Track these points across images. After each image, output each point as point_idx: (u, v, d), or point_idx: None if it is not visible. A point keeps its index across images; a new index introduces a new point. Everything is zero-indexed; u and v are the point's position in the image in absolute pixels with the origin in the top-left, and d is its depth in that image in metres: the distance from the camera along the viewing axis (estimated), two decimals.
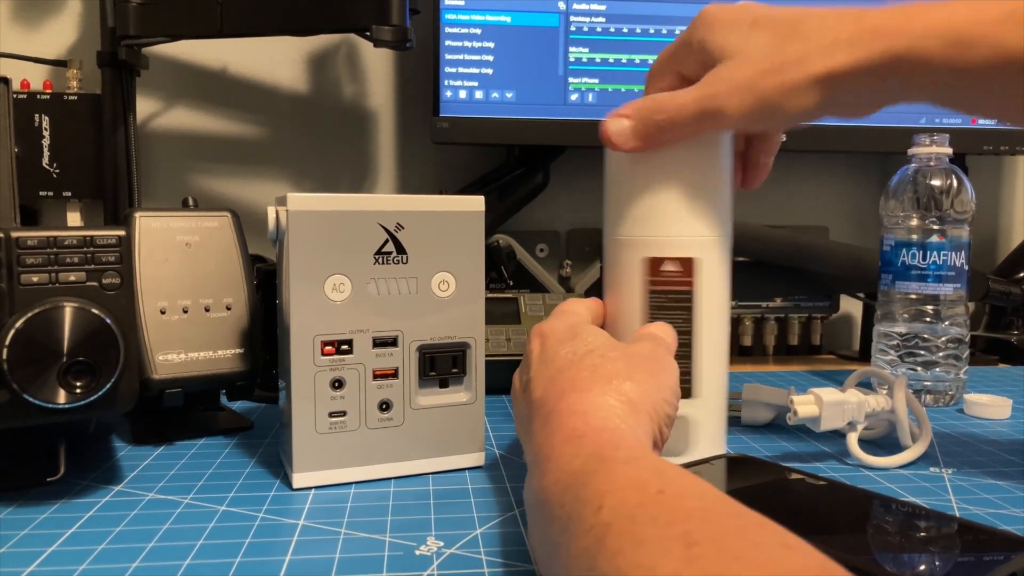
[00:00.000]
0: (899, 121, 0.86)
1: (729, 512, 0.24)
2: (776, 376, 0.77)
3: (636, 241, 0.47)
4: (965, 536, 0.34)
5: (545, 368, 0.39)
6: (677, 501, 0.25)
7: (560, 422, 0.34)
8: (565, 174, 0.91)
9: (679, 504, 0.25)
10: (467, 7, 0.80)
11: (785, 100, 0.40)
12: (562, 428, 0.33)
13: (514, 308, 0.72)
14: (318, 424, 0.45)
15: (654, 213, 0.46)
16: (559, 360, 0.39)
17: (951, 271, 0.64)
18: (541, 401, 0.37)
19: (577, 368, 0.38)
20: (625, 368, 0.37)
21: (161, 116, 0.88)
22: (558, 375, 0.38)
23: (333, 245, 0.44)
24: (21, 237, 0.40)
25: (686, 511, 0.24)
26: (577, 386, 0.36)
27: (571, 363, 0.38)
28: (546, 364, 0.40)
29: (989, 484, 0.46)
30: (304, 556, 0.36)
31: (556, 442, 0.32)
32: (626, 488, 0.27)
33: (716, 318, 0.47)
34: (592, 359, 0.38)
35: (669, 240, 0.46)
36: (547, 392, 0.37)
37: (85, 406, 0.40)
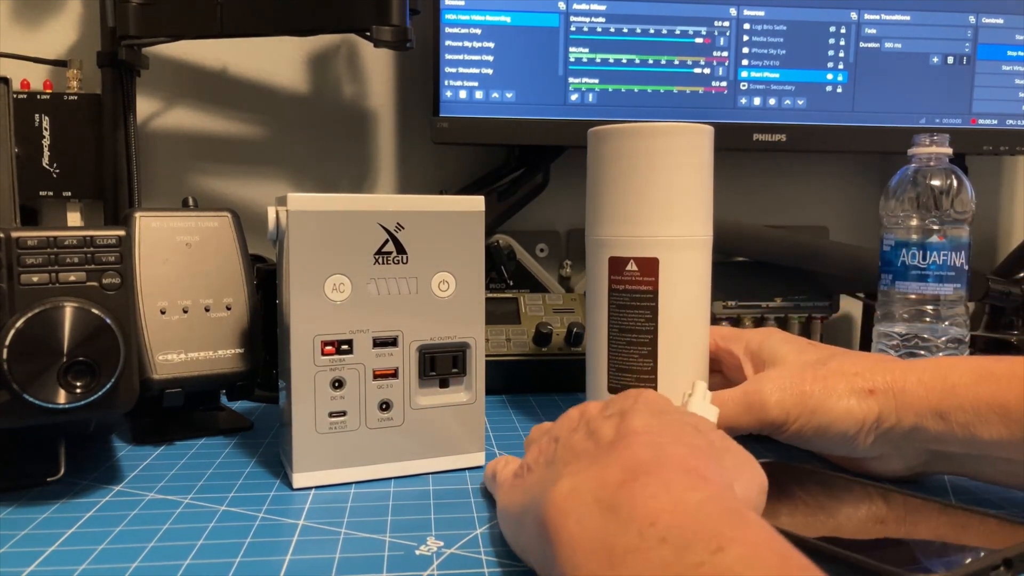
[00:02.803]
0: (899, 121, 0.86)
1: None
2: None
3: (604, 241, 0.49)
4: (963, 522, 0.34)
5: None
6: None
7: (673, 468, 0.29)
8: (565, 174, 0.91)
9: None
10: (467, 7, 0.80)
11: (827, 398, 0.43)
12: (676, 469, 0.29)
13: (514, 308, 0.72)
14: (318, 424, 0.45)
15: (620, 213, 0.48)
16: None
17: (951, 271, 0.64)
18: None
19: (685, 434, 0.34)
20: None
21: (161, 116, 0.88)
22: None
23: (333, 245, 0.44)
24: (21, 237, 0.40)
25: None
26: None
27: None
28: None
29: (989, 484, 0.46)
30: (304, 556, 0.36)
31: (663, 467, 0.29)
32: (761, 546, 0.23)
33: (684, 318, 0.47)
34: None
35: (633, 240, 0.47)
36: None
37: (85, 406, 0.40)
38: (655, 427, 0.33)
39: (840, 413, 0.42)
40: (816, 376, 0.44)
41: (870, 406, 0.42)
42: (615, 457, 0.30)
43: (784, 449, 0.52)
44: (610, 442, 0.32)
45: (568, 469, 0.32)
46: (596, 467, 0.30)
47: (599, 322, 0.49)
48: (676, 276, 0.47)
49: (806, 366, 0.45)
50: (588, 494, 0.29)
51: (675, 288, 0.47)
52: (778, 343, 0.48)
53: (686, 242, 0.47)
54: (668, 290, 0.47)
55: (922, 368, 0.42)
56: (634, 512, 0.26)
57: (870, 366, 0.44)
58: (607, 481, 0.29)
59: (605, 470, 0.30)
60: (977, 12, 0.85)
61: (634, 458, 0.30)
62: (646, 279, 0.47)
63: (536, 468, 0.35)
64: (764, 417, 0.44)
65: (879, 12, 0.84)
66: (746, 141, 0.83)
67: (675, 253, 0.47)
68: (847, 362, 0.45)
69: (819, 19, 0.83)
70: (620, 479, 0.28)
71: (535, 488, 0.33)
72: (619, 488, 0.28)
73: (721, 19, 0.82)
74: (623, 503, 0.27)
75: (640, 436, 0.31)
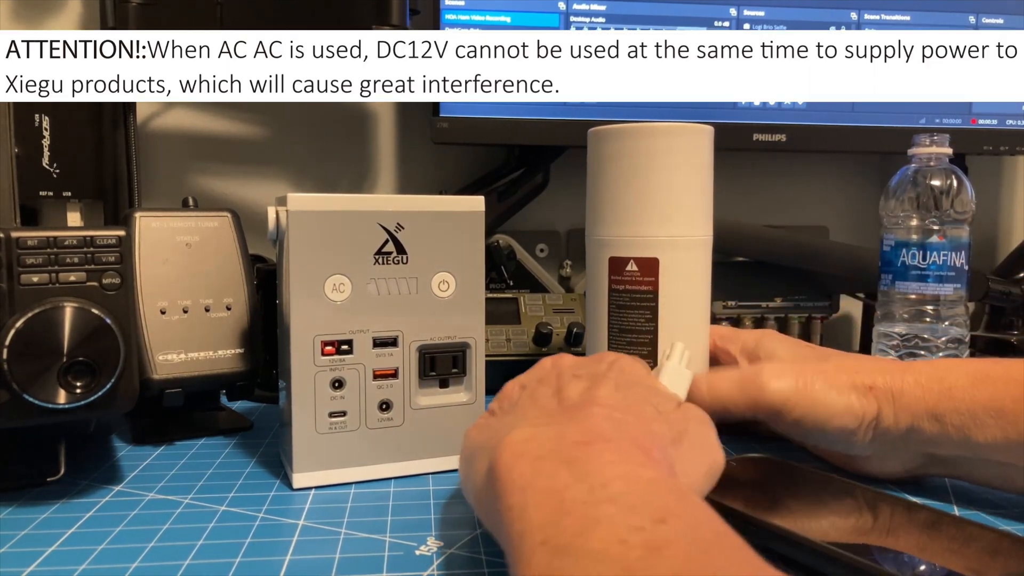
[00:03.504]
0: (899, 121, 0.86)
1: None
2: None
3: (604, 241, 0.49)
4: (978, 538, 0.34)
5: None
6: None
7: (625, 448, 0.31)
8: (565, 174, 0.91)
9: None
10: (467, 7, 0.80)
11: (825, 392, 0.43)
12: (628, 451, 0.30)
13: (514, 308, 0.72)
14: (318, 424, 0.45)
15: (620, 213, 0.48)
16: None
17: (951, 271, 0.64)
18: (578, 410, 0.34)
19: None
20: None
21: (161, 116, 0.88)
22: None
23: (333, 245, 0.44)
24: (21, 237, 0.40)
25: None
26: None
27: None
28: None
29: (984, 487, 0.46)
30: (304, 556, 0.36)
31: (621, 440, 0.30)
32: (701, 524, 0.25)
33: (684, 318, 0.47)
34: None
35: (633, 240, 0.47)
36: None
37: (85, 406, 0.40)
38: (618, 402, 0.34)
39: (842, 407, 0.42)
40: (816, 370, 0.44)
41: (870, 403, 0.42)
42: (576, 421, 0.32)
43: (782, 449, 0.52)
44: (573, 405, 0.34)
45: (528, 420, 0.33)
46: (556, 424, 0.32)
47: (599, 322, 0.49)
48: (676, 276, 0.47)
49: (806, 360, 0.45)
50: (546, 443, 0.30)
51: (675, 288, 0.47)
52: (775, 342, 0.49)
53: (686, 242, 0.47)
54: (668, 290, 0.47)
55: (919, 370, 0.42)
56: (588, 469, 0.27)
57: (869, 365, 0.44)
58: (566, 437, 0.30)
59: (564, 428, 0.31)
60: (977, 12, 0.85)
61: (594, 427, 0.31)
62: (646, 279, 0.47)
63: (498, 413, 0.37)
64: (760, 399, 0.43)
65: (879, 12, 0.84)
66: (746, 141, 0.83)
67: (675, 253, 0.47)
68: (846, 360, 0.45)
69: (819, 19, 0.83)
70: (579, 439, 0.30)
71: (493, 429, 0.34)
72: (576, 446, 0.29)
73: (721, 19, 0.82)
74: (579, 459, 0.28)
75: (602, 408, 0.33)
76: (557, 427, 0.31)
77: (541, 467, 0.28)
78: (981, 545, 0.33)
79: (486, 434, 0.35)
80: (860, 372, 0.43)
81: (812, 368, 0.44)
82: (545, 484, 0.27)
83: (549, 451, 0.29)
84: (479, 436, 0.36)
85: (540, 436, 0.30)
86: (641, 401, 0.35)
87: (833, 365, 0.44)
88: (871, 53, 0.62)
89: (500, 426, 0.34)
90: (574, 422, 0.32)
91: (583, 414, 0.32)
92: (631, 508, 0.25)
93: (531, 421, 0.33)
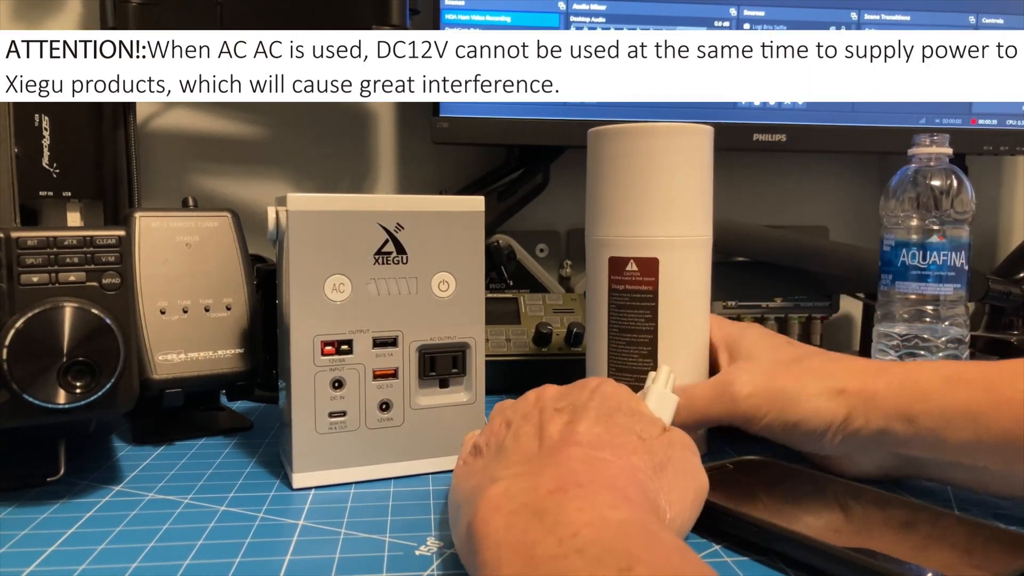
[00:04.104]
0: (899, 121, 0.86)
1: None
2: None
3: (604, 241, 0.49)
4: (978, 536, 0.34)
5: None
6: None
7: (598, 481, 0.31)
8: (565, 174, 0.91)
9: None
10: (467, 7, 0.80)
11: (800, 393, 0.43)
12: (604, 483, 0.31)
13: (514, 308, 0.72)
14: (318, 424, 0.45)
15: (620, 213, 0.48)
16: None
17: (951, 271, 0.64)
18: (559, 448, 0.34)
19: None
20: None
21: (161, 116, 0.88)
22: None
23: (333, 245, 0.44)
24: (21, 237, 0.40)
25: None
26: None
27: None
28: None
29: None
30: (304, 556, 0.36)
31: (593, 483, 0.31)
32: (667, 568, 0.25)
33: (684, 318, 0.47)
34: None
35: (633, 240, 0.47)
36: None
37: (85, 406, 0.40)
38: (598, 437, 0.34)
39: (809, 411, 0.43)
40: (789, 373, 0.44)
41: (838, 406, 0.42)
42: (551, 466, 0.32)
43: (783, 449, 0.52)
44: (553, 446, 0.34)
45: (508, 470, 0.33)
46: (532, 473, 0.32)
47: (599, 322, 0.49)
48: (676, 276, 0.47)
49: (779, 364, 0.46)
50: (520, 495, 0.30)
51: (675, 288, 0.47)
52: (756, 338, 0.49)
53: (686, 242, 0.47)
54: (668, 290, 0.47)
55: (893, 372, 0.43)
56: (559, 520, 0.28)
57: (843, 368, 0.44)
58: (539, 487, 0.30)
59: (539, 476, 0.31)
60: (977, 12, 0.85)
61: (569, 471, 0.31)
62: (646, 279, 0.47)
63: (486, 453, 0.37)
64: (735, 410, 0.44)
65: (879, 12, 0.84)
66: (746, 141, 0.83)
67: (675, 253, 0.47)
68: (821, 362, 0.45)
69: (819, 19, 0.83)
70: (552, 487, 0.30)
71: (476, 478, 0.35)
72: (549, 495, 0.29)
73: (721, 19, 0.82)
74: (550, 510, 0.28)
75: (579, 448, 0.33)
76: (532, 477, 0.32)
77: (514, 521, 0.29)
78: (983, 544, 0.33)
79: (470, 482, 0.35)
80: (833, 376, 0.43)
81: (784, 372, 0.45)
82: (517, 539, 0.28)
83: (522, 504, 0.29)
84: (464, 484, 0.36)
85: (514, 488, 0.31)
86: (624, 431, 0.35)
87: (806, 368, 0.44)
88: (871, 53, 0.62)
89: (483, 474, 0.34)
90: (549, 468, 0.32)
91: (560, 457, 0.33)
92: (598, 559, 0.25)
93: (511, 469, 0.33)
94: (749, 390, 0.44)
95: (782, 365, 0.45)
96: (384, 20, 0.67)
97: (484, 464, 0.36)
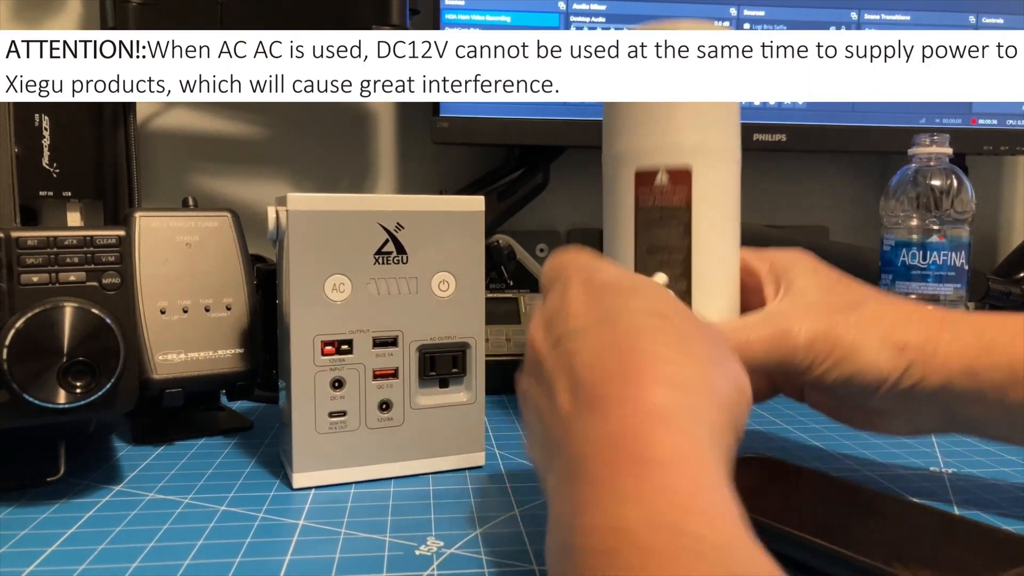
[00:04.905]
0: (899, 121, 0.86)
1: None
2: None
3: (628, 152, 0.43)
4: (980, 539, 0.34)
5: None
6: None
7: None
8: (565, 174, 0.91)
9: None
10: (467, 7, 0.80)
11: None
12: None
13: (514, 308, 0.72)
14: (318, 424, 0.45)
15: (646, 121, 0.43)
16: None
17: (951, 271, 0.64)
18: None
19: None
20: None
21: (161, 116, 0.88)
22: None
23: (333, 245, 0.44)
24: (21, 237, 0.40)
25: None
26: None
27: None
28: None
29: (989, 484, 0.46)
30: (304, 556, 0.36)
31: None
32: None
33: (718, 233, 0.43)
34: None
35: (663, 149, 0.42)
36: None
37: (85, 406, 0.40)
38: (605, 374, 0.28)
39: (866, 365, 0.39)
40: (848, 322, 0.40)
41: (899, 360, 0.39)
42: (574, 474, 0.27)
43: (783, 450, 0.52)
44: (561, 434, 0.29)
45: (548, 464, 0.29)
46: (563, 487, 0.27)
47: (623, 247, 0.43)
48: (711, 188, 0.43)
49: (837, 309, 0.42)
50: (559, 531, 0.26)
51: (710, 201, 0.42)
52: (808, 273, 0.44)
53: (720, 153, 0.44)
54: (702, 203, 0.42)
55: (960, 322, 0.40)
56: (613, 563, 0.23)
57: (905, 317, 0.41)
58: (573, 525, 0.25)
59: (568, 500, 0.26)
60: (977, 12, 0.85)
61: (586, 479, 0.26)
62: (678, 191, 0.42)
63: (538, 385, 0.32)
64: (791, 358, 0.40)
65: (879, 12, 0.84)
66: (746, 141, 0.83)
67: (709, 163, 0.43)
68: (881, 309, 0.41)
69: (819, 19, 0.83)
70: (585, 524, 0.24)
71: (541, 432, 0.31)
72: (577, 530, 0.25)
73: (721, 19, 0.82)
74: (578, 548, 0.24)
75: (594, 416, 0.27)
76: (564, 501, 0.26)
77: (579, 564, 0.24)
78: (985, 545, 0.33)
79: (538, 431, 0.31)
80: (895, 327, 0.40)
81: (842, 321, 0.41)
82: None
83: (563, 544, 0.25)
84: (532, 429, 0.32)
85: (556, 519, 0.26)
86: (635, 331, 0.30)
87: (866, 316, 0.41)
88: (871, 53, 0.62)
89: (546, 435, 0.30)
90: (574, 480, 0.26)
91: (576, 454, 0.27)
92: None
93: (550, 465, 0.29)
94: (808, 338, 0.40)
95: (840, 312, 0.41)
96: (384, 20, 0.67)
97: (539, 401, 0.31)
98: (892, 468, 0.49)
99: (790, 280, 0.44)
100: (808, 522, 0.36)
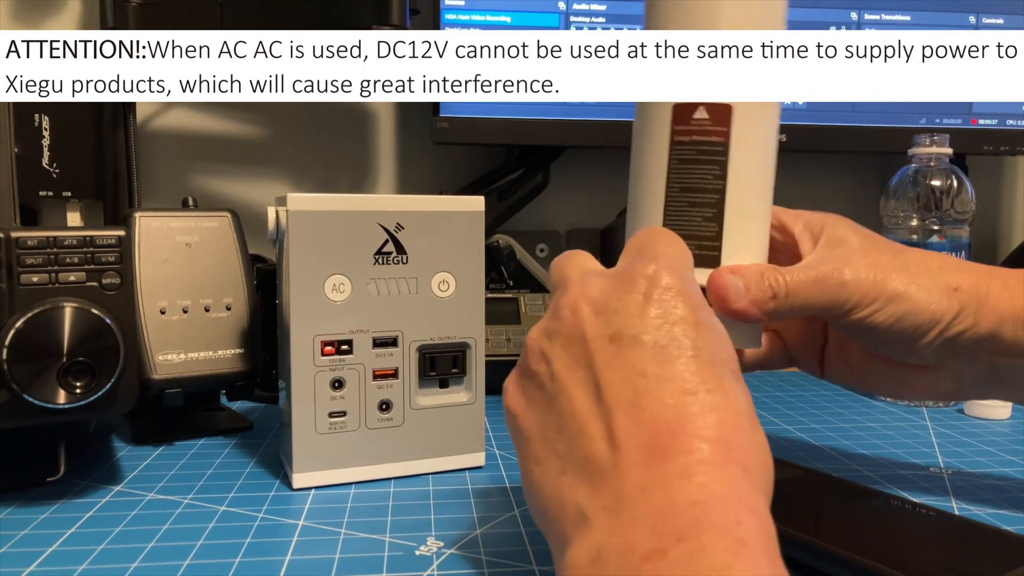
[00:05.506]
0: (899, 121, 0.86)
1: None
2: (778, 376, 0.77)
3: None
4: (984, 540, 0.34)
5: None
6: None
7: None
8: (565, 174, 0.91)
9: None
10: (467, 7, 0.80)
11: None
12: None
13: (514, 308, 0.72)
14: (318, 424, 0.45)
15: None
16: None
17: None
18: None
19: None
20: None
21: (161, 116, 0.88)
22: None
23: (333, 245, 0.44)
24: (21, 237, 0.40)
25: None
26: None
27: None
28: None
29: (989, 484, 0.46)
30: (304, 556, 0.36)
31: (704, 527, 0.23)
32: None
33: (756, 177, 0.41)
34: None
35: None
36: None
37: (85, 406, 0.40)
38: (690, 416, 0.26)
39: (920, 303, 0.37)
40: (894, 264, 0.39)
41: (952, 303, 0.38)
42: (639, 499, 0.25)
43: (783, 450, 0.52)
44: (629, 447, 0.26)
45: (574, 478, 0.27)
46: (613, 519, 0.25)
47: (653, 185, 0.41)
48: (751, 128, 0.41)
49: (881, 252, 0.40)
50: (611, 562, 0.24)
51: (748, 142, 0.41)
52: (844, 228, 0.43)
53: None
54: (740, 144, 0.40)
55: (1008, 274, 0.39)
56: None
57: (952, 264, 0.39)
58: (633, 547, 0.24)
59: (629, 530, 0.24)
60: (977, 12, 0.85)
61: (669, 508, 0.24)
62: (717, 128, 0.40)
63: (538, 398, 0.30)
64: (838, 296, 0.38)
65: (879, 12, 0.84)
66: None
67: (750, 102, 0.41)
68: (927, 255, 0.40)
69: (819, 19, 0.83)
70: (647, 549, 0.23)
71: (536, 449, 0.29)
72: (645, 561, 0.23)
73: None
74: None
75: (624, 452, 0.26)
76: (618, 531, 0.24)
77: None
78: (985, 546, 0.33)
79: (529, 449, 0.29)
80: (944, 271, 0.38)
81: (888, 262, 0.39)
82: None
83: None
84: (523, 446, 0.30)
85: (605, 551, 0.24)
86: (665, 379, 0.27)
87: (913, 260, 0.39)
88: (871, 53, 0.62)
89: (543, 451, 0.29)
90: (636, 506, 0.25)
91: (646, 481, 0.25)
92: None
93: (579, 479, 0.27)
94: (855, 276, 0.38)
95: (884, 254, 0.40)
96: (384, 20, 0.67)
97: (538, 419, 0.29)
98: (892, 468, 0.49)
99: (829, 233, 0.42)
100: (807, 523, 0.36)
